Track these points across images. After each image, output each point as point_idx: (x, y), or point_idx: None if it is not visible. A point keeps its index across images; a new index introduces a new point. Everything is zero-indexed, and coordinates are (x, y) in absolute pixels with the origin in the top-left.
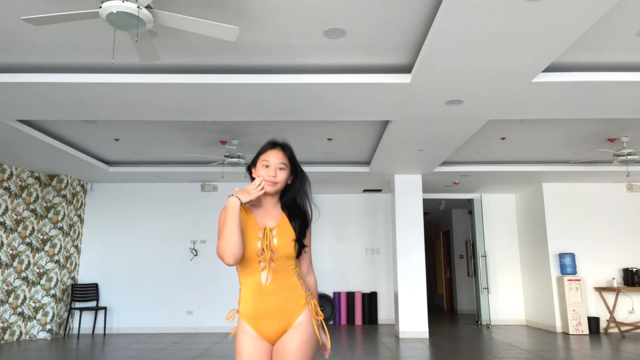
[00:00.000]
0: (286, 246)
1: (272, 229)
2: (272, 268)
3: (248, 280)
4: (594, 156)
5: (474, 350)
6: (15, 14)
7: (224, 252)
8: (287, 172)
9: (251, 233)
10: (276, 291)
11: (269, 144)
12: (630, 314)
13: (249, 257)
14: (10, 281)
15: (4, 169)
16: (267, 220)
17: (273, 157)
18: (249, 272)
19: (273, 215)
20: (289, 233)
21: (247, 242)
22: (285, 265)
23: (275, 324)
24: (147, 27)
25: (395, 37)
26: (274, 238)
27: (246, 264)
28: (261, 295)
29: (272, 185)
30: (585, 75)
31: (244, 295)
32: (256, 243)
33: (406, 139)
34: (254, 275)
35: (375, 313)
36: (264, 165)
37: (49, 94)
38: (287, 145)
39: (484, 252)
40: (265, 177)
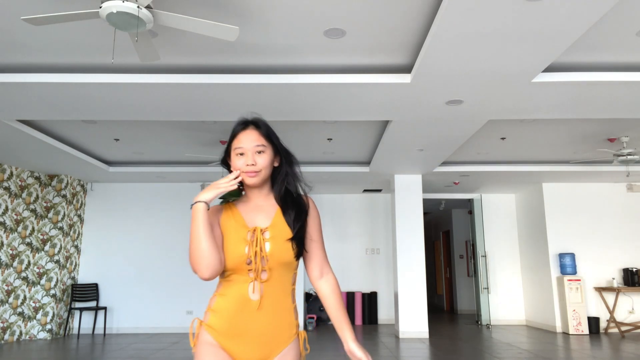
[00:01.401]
0: (282, 250)
1: (264, 230)
2: (263, 280)
3: (232, 290)
4: (594, 156)
5: (474, 350)
6: (15, 14)
7: (196, 266)
8: (269, 154)
9: (237, 236)
10: (266, 310)
11: (238, 125)
12: (630, 314)
13: (234, 267)
14: (10, 281)
15: (4, 169)
16: (258, 218)
17: (246, 140)
18: (233, 282)
19: (265, 211)
20: (285, 233)
21: (232, 248)
22: (282, 277)
23: (255, 350)
24: (147, 27)
25: (395, 37)
26: (266, 242)
27: (230, 273)
28: (246, 310)
29: (253, 175)
30: (585, 75)
31: (221, 306)
32: (243, 248)
33: (406, 139)
34: (240, 286)
35: (375, 313)
36: (238, 154)
37: (49, 94)
38: (261, 121)
39: (484, 252)
40: (244, 169)
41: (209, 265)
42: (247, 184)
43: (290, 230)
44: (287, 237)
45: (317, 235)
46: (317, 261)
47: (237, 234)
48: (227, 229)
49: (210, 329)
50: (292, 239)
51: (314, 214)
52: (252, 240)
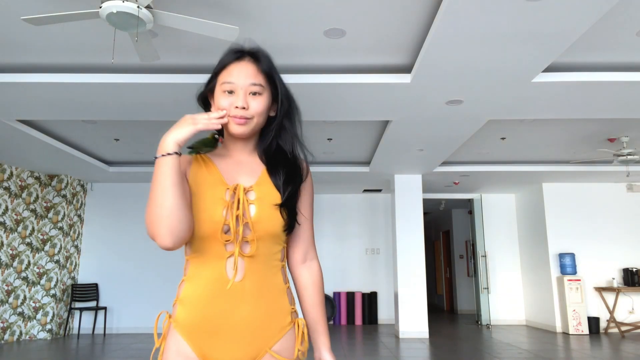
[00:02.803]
0: (270, 218)
1: (247, 189)
2: (246, 254)
3: (204, 270)
4: (594, 156)
5: (474, 350)
6: (15, 14)
7: (155, 228)
8: (267, 98)
9: (212, 195)
10: (251, 293)
11: (231, 54)
12: (630, 314)
13: (206, 235)
14: (10, 281)
15: (4, 169)
16: (240, 175)
17: (240, 74)
18: (205, 259)
19: (249, 168)
20: (273, 197)
21: (204, 210)
22: (269, 251)
23: (240, 348)
24: (147, 27)
25: (395, 37)
26: (250, 204)
27: (202, 245)
28: (224, 296)
29: (242, 123)
30: (585, 75)
31: (191, 293)
32: (220, 211)
33: (406, 139)
34: (215, 263)
35: (375, 313)
36: (225, 91)
37: (49, 94)
38: (262, 53)
39: (484, 252)
40: (231, 111)
41: (173, 227)
42: (232, 132)
43: (280, 194)
44: (274, 203)
45: (308, 211)
46: (303, 243)
47: (211, 192)
48: (199, 185)
49: (179, 327)
50: (282, 206)
51: (309, 185)
52: (232, 201)
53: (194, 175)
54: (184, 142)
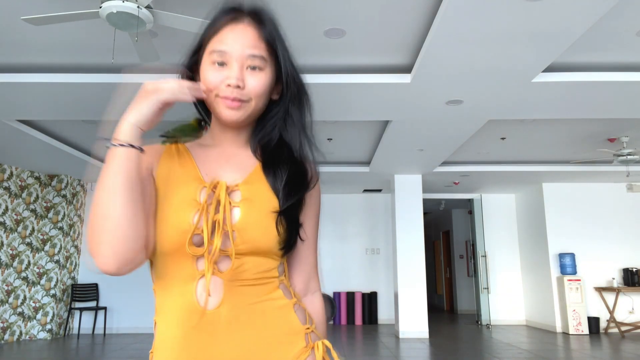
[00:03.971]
0: (259, 226)
1: (232, 188)
2: (223, 273)
3: (169, 300)
4: (594, 156)
5: (474, 350)
6: (15, 14)
7: (93, 244)
8: (269, 74)
9: (182, 195)
10: (233, 322)
11: (225, 13)
12: (630, 314)
13: (171, 250)
14: (10, 281)
15: (4, 169)
16: (225, 170)
17: (235, 41)
18: (171, 283)
19: (238, 162)
20: (266, 200)
21: (168, 216)
22: (258, 269)
23: None
24: (147, 27)
25: (395, 37)
26: (234, 207)
27: (166, 265)
28: (197, 332)
29: (236, 106)
30: (585, 75)
31: (160, 336)
32: (189, 216)
33: (406, 139)
34: (182, 288)
35: (375, 313)
36: (214, 62)
37: (49, 94)
38: (265, 14)
39: (484, 252)
40: (221, 90)
41: (119, 246)
42: (222, 119)
43: (276, 198)
44: (269, 208)
45: (312, 230)
46: (304, 270)
47: (182, 191)
48: (167, 183)
49: None
50: (281, 214)
51: (315, 197)
52: (208, 202)
53: (163, 169)
54: (147, 124)
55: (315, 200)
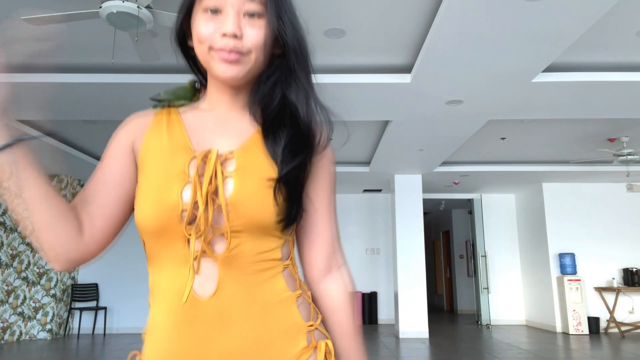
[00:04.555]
0: (254, 198)
1: (225, 156)
2: (218, 255)
3: (160, 284)
4: (594, 156)
5: (474, 350)
6: (15, 14)
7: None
8: (269, 26)
9: (168, 167)
10: (229, 313)
11: None
12: (630, 314)
13: (158, 229)
14: (10, 281)
15: None
16: (220, 137)
17: None
18: (161, 265)
19: (235, 127)
20: (263, 168)
21: (151, 191)
22: (256, 249)
23: None
24: (147, 27)
25: (395, 37)
26: (226, 178)
27: (154, 245)
28: (189, 321)
29: (234, 60)
30: (585, 75)
31: (151, 318)
32: (176, 190)
33: (406, 139)
34: (173, 272)
35: (375, 313)
36: (206, 10)
37: (49, 94)
38: None
39: (484, 252)
40: (216, 42)
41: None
42: (218, 76)
43: (275, 164)
44: (268, 177)
45: (325, 200)
46: (323, 246)
47: (169, 163)
48: (152, 155)
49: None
50: (279, 181)
51: (327, 164)
52: (199, 173)
53: (148, 143)
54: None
55: (327, 170)
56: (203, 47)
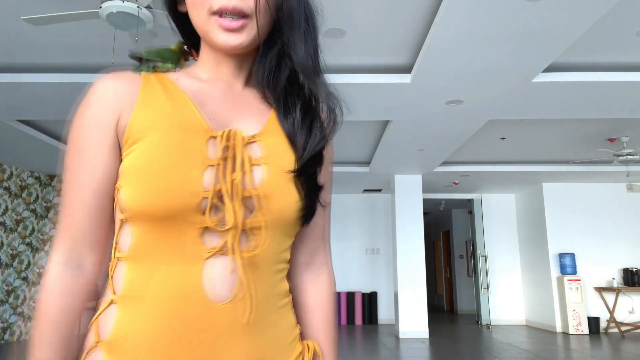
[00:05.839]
0: (284, 191)
1: (249, 139)
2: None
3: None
4: (594, 156)
5: (474, 350)
6: (15, 14)
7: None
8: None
9: (182, 144)
10: (246, 322)
11: None
12: (630, 314)
13: (170, 215)
14: (10, 281)
15: (4, 169)
16: (234, 114)
17: None
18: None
19: (248, 103)
20: (287, 158)
21: (164, 171)
22: (276, 249)
23: None
24: (147, 27)
25: (395, 37)
26: (254, 166)
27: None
28: (197, 332)
29: (237, 26)
30: (585, 75)
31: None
32: (198, 174)
33: (406, 139)
34: (180, 270)
35: (375, 313)
36: None
37: (49, 94)
38: None
39: (484, 252)
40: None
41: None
42: (220, 45)
43: (295, 155)
44: (290, 167)
45: (327, 190)
46: (311, 236)
47: (178, 141)
48: (151, 131)
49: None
50: (301, 173)
51: (328, 160)
52: (223, 156)
53: (143, 113)
54: None
55: (326, 167)
56: (200, 10)
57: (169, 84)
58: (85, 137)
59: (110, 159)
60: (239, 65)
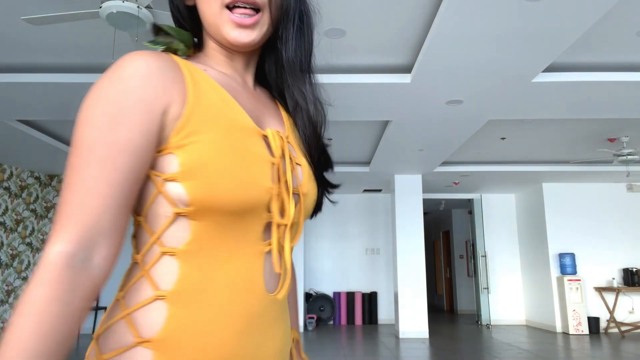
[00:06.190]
0: (312, 188)
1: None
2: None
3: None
4: (594, 156)
5: (474, 350)
6: (15, 14)
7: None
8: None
9: (249, 143)
10: (281, 310)
11: None
12: (630, 314)
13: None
14: (10, 281)
15: (4, 169)
16: (260, 112)
17: None
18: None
19: (264, 103)
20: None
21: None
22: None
23: None
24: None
25: (395, 37)
26: (296, 165)
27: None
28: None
29: (251, 22)
30: (585, 75)
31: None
32: (268, 174)
33: (406, 139)
34: (244, 264)
35: (375, 313)
36: None
37: (49, 94)
38: None
39: (484, 252)
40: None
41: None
42: (232, 41)
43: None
44: (310, 167)
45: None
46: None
47: (245, 138)
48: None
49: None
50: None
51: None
52: (280, 156)
53: (198, 106)
54: None
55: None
56: (212, 2)
57: (202, 75)
58: (126, 116)
59: (151, 147)
60: (248, 61)
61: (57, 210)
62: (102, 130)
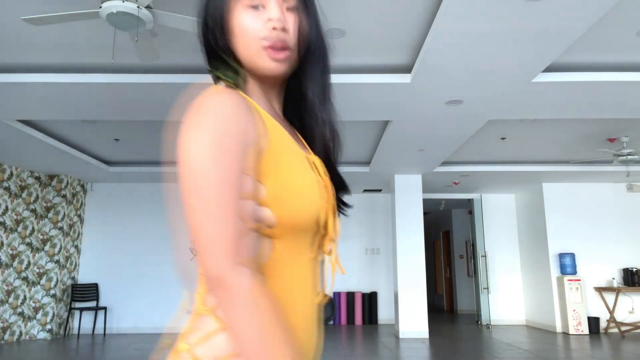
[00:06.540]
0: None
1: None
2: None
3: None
4: (594, 156)
5: (474, 350)
6: (15, 14)
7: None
8: (304, 17)
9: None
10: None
11: None
12: (630, 314)
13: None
14: (10, 281)
15: (4, 169)
16: (295, 140)
17: None
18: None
19: (292, 131)
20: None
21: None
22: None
23: None
24: (147, 27)
25: (395, 37)
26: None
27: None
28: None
29: (283, 57)
30: (585, 75)
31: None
32: (319, 194)
33: (406, 139)
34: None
35: (375, 313)
36: (248, 6)
37: (49, 94)
38: None
39: (484, 252)
40: (268, 37)
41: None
42: (268, 72)
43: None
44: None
45: None
46: None
47: (304, 163)
48: (286, 151)
49: None
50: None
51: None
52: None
53: (276, 136)
54: None
55: None
56: (251, 43)
57: (257, 106)
58: (236, 145)
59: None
60: (279, 92)
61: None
62: (225, 162)
